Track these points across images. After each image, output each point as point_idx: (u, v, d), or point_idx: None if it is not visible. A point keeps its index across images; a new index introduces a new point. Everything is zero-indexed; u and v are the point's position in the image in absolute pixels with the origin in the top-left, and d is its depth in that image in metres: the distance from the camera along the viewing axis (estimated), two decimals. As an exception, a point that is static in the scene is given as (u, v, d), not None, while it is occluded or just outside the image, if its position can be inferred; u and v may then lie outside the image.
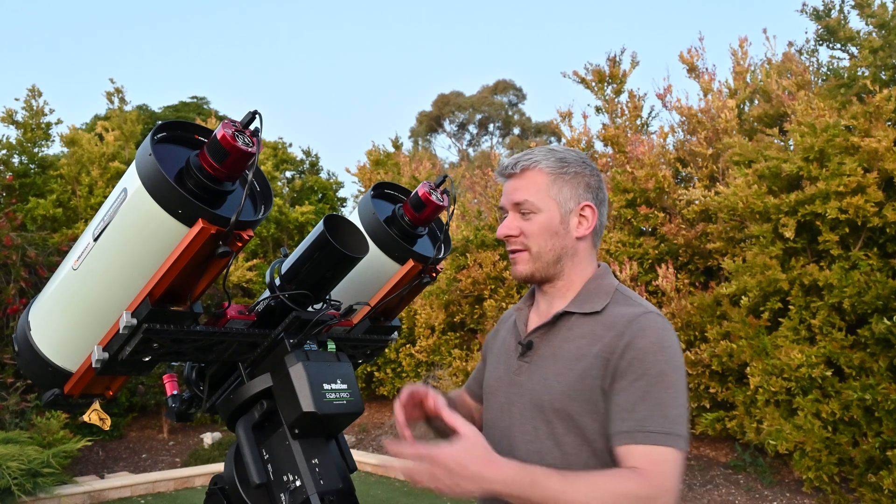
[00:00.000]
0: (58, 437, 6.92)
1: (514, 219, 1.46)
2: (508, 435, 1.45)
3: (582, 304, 1.44)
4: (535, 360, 1.45)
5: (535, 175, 1.45)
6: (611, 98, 8.92)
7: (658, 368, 1.30)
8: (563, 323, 1.44)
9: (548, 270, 1.46)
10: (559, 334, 1.44)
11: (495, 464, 1.20)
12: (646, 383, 1.29)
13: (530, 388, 1.42)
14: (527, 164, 1.46)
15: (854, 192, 5.57)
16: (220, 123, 1.19)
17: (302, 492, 1.29)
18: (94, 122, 14.41)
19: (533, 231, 1.44)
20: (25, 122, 10.02)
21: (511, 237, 1.46)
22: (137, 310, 1.23)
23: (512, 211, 1.46)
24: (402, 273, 1.56)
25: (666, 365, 1.31)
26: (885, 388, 5.15)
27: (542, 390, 1.40)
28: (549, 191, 1.44)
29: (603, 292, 1.45)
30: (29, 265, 8.24)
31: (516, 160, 1.49)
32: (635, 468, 1.25)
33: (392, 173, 11.65)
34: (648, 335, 1.33)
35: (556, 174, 1.46)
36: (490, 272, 8.28)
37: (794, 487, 6.05)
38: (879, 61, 6.88)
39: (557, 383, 1.38)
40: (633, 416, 1.28)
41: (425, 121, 32.21)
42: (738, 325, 6.01)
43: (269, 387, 1.39)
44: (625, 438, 1.28)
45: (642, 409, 1.28)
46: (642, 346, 1.32)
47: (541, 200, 1.44)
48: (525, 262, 1.46)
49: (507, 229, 1.46)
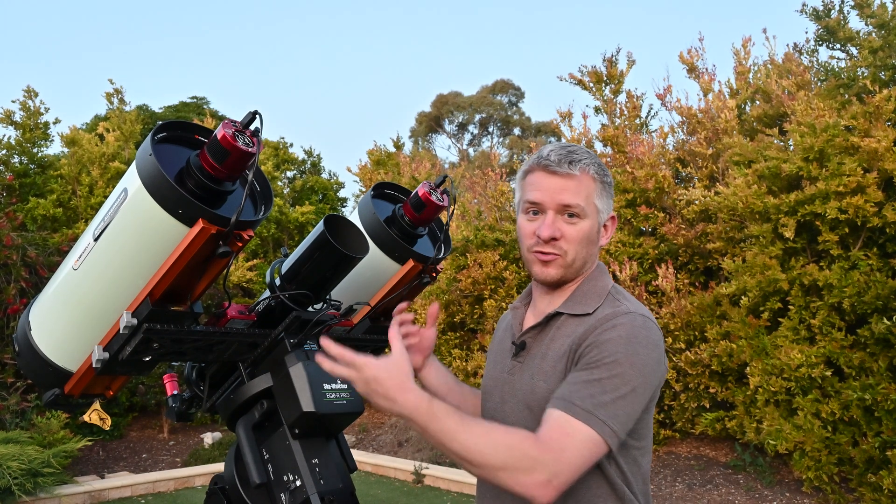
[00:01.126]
0: (58, 436, 6.91)
1: (557, 219, 1.38)
2: None
3: (574, 306, 1.42)
4: (527, 360, 1.44)
5: (586, 179, 1.39)
6: (609, 98, 8.92)
7: (613, 359, 1.28)
8: (553, 323, 1.44)
9: (572, 276, 1.43)
10: (548, 334, 1.43)
11: (406, 390, 1.19)
12: (596, 369, 1.28)
13: (521, 388, 1.42)
14: (582, 166, 1.38)
15: (854, 192, 5.57)
16: (220, 123, 1.19)
17: (302, 491, 1.29)
18: (96, 123, 14.41)
19: (575, 238, 1.39)
20: (24, 122, 10.03)
21: (553, 240, 1.38)
22: (138, 310, 1.23)
23: (554, 211, 1.38)
24: (402, 273, 1.56)
25: (624, 357, 1.28)
26: (885, 388, 5.15)
27: (530, 390, 1.39)
28: (595, 198, 1.40)
29: (596, 294, 1.44)
30: (29, 265, 8.24)
31: (568, 157, 1.39)
32: (538, 435, 1.22)
33: (392, 173, 11.65)
34: (619, 330, 1.31)
35: (601, 181, 1.42)
36: (490, 272, 8.28)
37: (793, 487, 6.05)
38: (879, 61, 6.89)
39: (543, 382, 1.37)
40: (569, 388, 1.28)
41: (425, 121, 32.21)
42: (737, 325, 6.01)
43: (270, 387, 1.39)
44: (553, 403, 1.27)
45: (580, 387, 1.27)
46: (607, 338, 1.30)
47: (589, 207, 1.39)
48: (559, 266, 1.40)
49: (553, 231, 1.37)
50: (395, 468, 7.27)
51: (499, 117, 31.99)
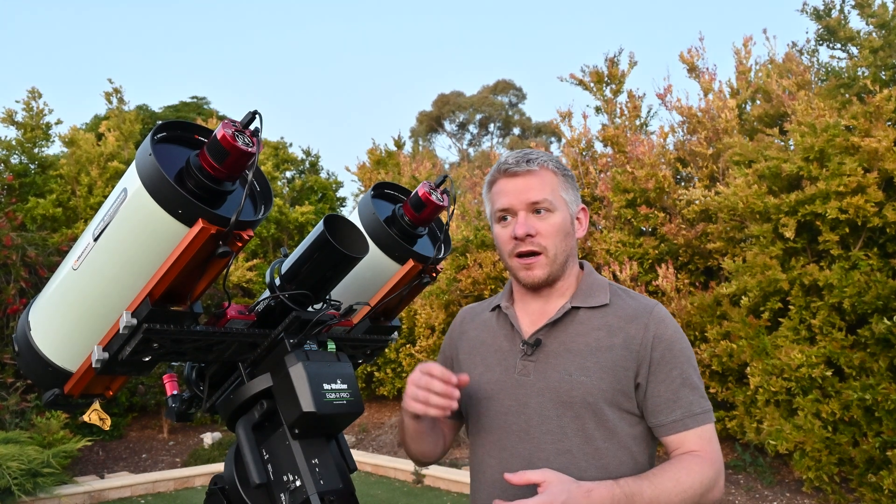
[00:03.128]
0: (58, 437, 6.91)
1: (528, 218, 1.42)
2: (528, 437, 1.41)
3: (586, 299, 1.45)
4: (544, 358, 1.42)
5: (547, 174, 1.44)
6: (609, 98, 8.92)
7: (685, 355, 1.41)
8: (569, 318, 1.44)
9: (558, 272, 1.46)
10: (568, 329, 1.43)
11: (592, 492, 1.24)
12: (680, 371, 1.39)
13: (549, 386, 1.39)
14: (540, 162, 1.43)
15: (854, 192, 5.57)
16: (220, 123, 1.19)
17: (302, 492, 1.29)
18: (95, 123, 14.42)
19: (549, 231, 1.42)
20: (25, 122, 10.03)
21: (528, 237, 1.41)
22: (137, 310, 1.22)
23: (525, 211, 1.42)
24: (402, 273, 1.56)
25: (688, 349, 1.42)
26: (885, 388, 5.15)
27: (568, 386, 1.38)
28: (560, 191, 1.44)
29: (599, 287, 1.49)
30: (29, 265, 8.24)
31: (525, 157, 1.44)
32: (695, 452, 1.36)
33: (393, 173, 11.65)
34: (669, 324, 1.41)
35: (562, 174, 1.46)
36: (490, 272, 8.28)
37: (794, 487, 6.04)
38: (879, 61, 6.88)
39: (585, 377, 1.37)
40: (678, 404, 1.38)
41: (425, 121, 32.20)
42: (738, 325, 6.01)
43: (270, 387, 1.39)
44: (678, 427, 1.38)
45: (684, 394, 1.38)
46: (669, 336, 1.40)
47: (556, 200, 1.43)
48: (543, 265, 1.43)
49: (527, 228, 1.40)
50: (395, 468, 7.27)
51: (499, 117, 32.00)
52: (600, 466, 1.37)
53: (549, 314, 1.47)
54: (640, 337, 1.39)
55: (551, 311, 1.47)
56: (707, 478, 1.33)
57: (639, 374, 1.39)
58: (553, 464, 1.36)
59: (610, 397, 1.37)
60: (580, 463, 1.36)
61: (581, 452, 1.37)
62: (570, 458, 1.36)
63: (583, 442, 1.37)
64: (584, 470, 1.36)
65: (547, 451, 1.38)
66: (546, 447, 1.38)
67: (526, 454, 1.39)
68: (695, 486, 1.31)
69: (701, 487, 1.31)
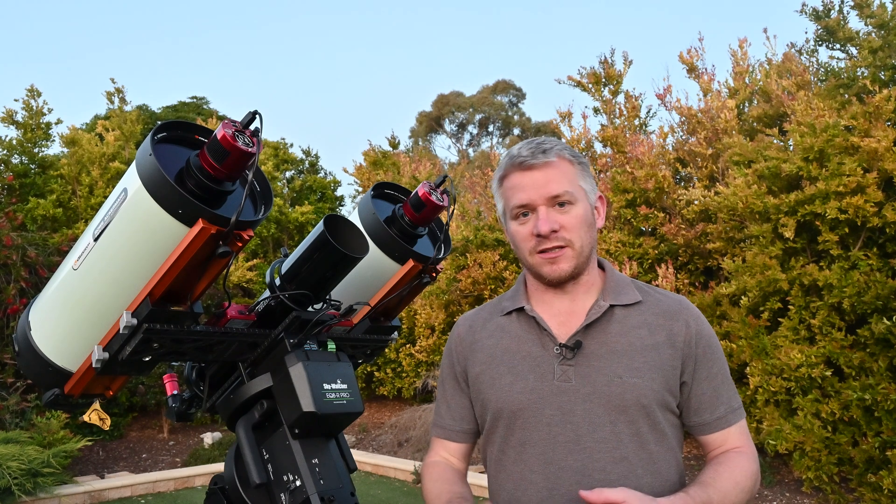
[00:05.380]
0: (58, 436, 6.91)
1: (550, 212, 1.32)
2: (578, 447, 1.31)
3: (618, 296, 1.38)
4: (586, 361, 1.33)
5: (564, 164, 1.35)
6: (608, 99, 8.93)
7: (720, 349, 1.42)
8: (605, 318, 1.36)
9: (583, 266, 1.37)
10: (607, 329, 1.35)
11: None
12: (719, 367, 1.39)
13: (598, 391, 1.31)
14: (556, 152, 1.34)
15: (854, 192, 5.57)
16: (220, 123, 1.19)
17: (302, 492, 1.29)
18: (95, 123, 14.40)
19: (573, 224, 1.33)
20: (25, 122, 10.02)
21: (553, 233, 1.31)
22: (138, 310, 1.22)
23: (545, 205, 1.32)
24: (402, 273, 1.56)
25: (719, 344, 1.43)
26: (885, 388, 5.14)
27: (620, 390, 1.30)
28: (579, 180, 1.36)
29: (626, 283, 1.43)
30: (29, 265, 8.24)
31: (539, 147, 1.34)
32: (738, 449, 1.37)
33: (392, 173, 11.65)
34: (703, 319, 1.42)
35: (578, 163, 1.38)
36: (490, 272, 8.27)
37: (793, 487, 6.04)
38: (879, 61, 6.88)
39: (637, 378, 1.30)
40: (720, 400, 1.38)
41: (425, 121, 32.19)
42: (737, 325, 6.01)
43: (270, 387, 1.39)
44: (722, 423, 1.38)
45: (724, 391, 1.39)
46: (707, 332, 1.40)
47: (576, 190, 1.34)
48: (569, 258, 1.34)
49: (551, 223, 1.31)
50: (395, 468, 7.27)
51: (499, 117, 31.98)
52: (654, 472, 1.32)
53: (578, 313, 1.38)
54: (684, 334, 1.36)
55: (580, 309, 1.38)
56: (755, 473, 1.36)
57: (684, 371, 1.35)
58: (610, 474, 1.29)
59: (661, 398, 1.32)
60: (637, 470, 1.30)
61: (637, 459, 1.30)
62: (627, 466, 1.29)
63: (638, 447, 1.30)
64: (640, 477, 1.30)
65: (602, 460, 1.29)
66: (601, 456, 1.29)
67: (579, 466, 1.30)
68: (749, 484, 1.33)
69: (753, 484, 1.35)
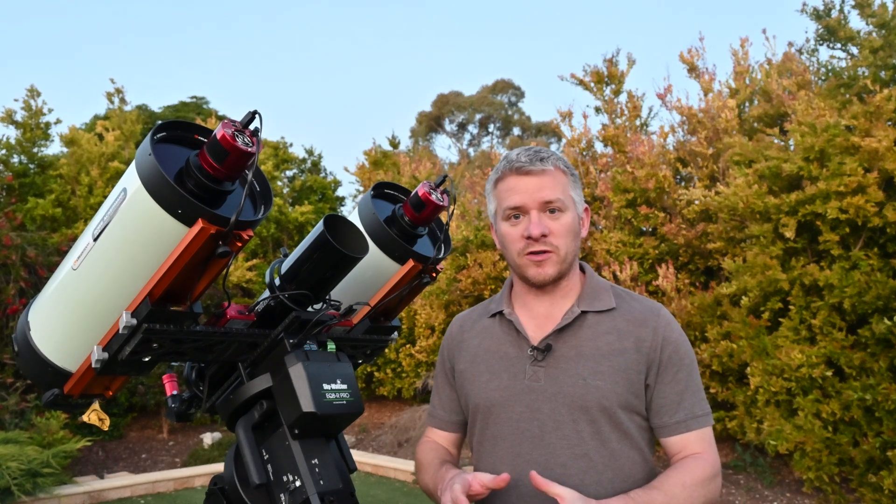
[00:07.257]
0: (58, 437, 6.91)
1: (541, 217, 1.42)
2: (542, 443, 1.41)
3: (592, 303, 1.46)
4: (555, 363, 1.42)
5: (558, 174, 1.44)
6: (610, 98, 8.93)
7: (689, 357, 1.44)
8: (577, 322, 1.44)
9: (566, 271, 1.46)
10: (578, 334, 1.43)
11: None
12: (685, 373, 1.42)
13: (563, 391, 1.39)
14: (553, 161, 1.44)
15: (854, 192, 5.57)
16: (219, 123, 1.19)
17: (302, 492, 1.29)
18: (94, 122, 14.40)
19: (561, 231, 1.42)
20: (25, 122, 10.03)
21: (543, 237, 1.41)
22: (137, 310, 1.22)
23: (537, 210, 1.42)
24: (402, 273, 1.56)
25: (691, 352, 1.46)
26: (886, 389, 5.14)
27: (583, 391, 1.38)
28: (570, 190, 1.45)
29: (603, 290, 1.49)
30: (28, 265, 8.24)
31: (537, 155, 1.43)
32: (697, 455, 1.39)
33: (392, 173, 11.65)
34: (674, 327, 1.44)
35: (571, 174, 1.47)
36: (490, 272, 8.27)
37: (794, 488, 6.04)
38: (879, 61, 6.88)
39: (600, 381, 1.38)
40: (682, 406, 1.41)
41: (425, 121, 32.20)
42: (738, 325, 6.01)
43: (269, 387, 1.39)
44: (680, 428, 1.41)
45: (688, 397, 1.42)
46: (675, 339, 1.42)
47: (567, 200, 1.44)
48: (554, 263, 1.43)
49: (542, 227, 1.40)
50: (395, 468, 7.27)
51: (499, 117, 31.99)
52: (616, 468, 1.39)
53: (555, 318, 1.46)
54: (650, 340, 1.41)
55: (557, 314, 1.46)
56: (707, 477, 1.37)
57: (648, 375, 1.41)
58: (570, 469, 1.37)
59: (624, 400, 1.39)
60: (597, 466, 1.38)
61: (599, 456, 1.38)
62: (587, 462, 1.37)
63: (599, 445, 1.38)
64: (601, 473, 1.38)
65: (563, 456, 1.38)
66: (562, 452, 1.38)
67: (542, 460, 1.39)
68: (700, 488, 1.34)
69: (704, 489, 1.35)
